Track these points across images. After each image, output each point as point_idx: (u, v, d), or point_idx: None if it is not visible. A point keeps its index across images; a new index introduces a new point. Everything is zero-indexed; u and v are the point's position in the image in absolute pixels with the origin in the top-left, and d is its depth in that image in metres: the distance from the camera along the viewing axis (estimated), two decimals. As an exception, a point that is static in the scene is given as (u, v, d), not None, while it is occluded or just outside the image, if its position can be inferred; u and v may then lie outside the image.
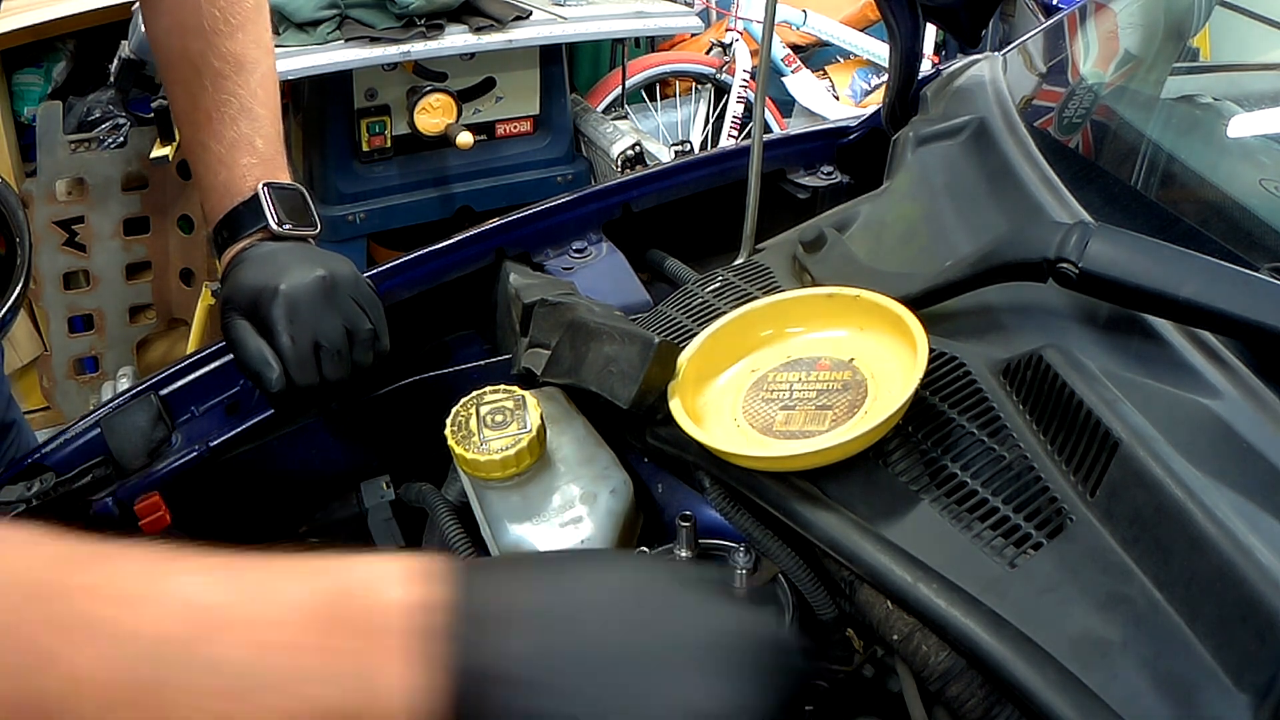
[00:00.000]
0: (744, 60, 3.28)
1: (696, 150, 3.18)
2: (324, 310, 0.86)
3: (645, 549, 0.73)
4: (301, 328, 0.84)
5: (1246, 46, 1.39)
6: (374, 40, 2.15)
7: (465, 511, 0.88)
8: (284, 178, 0.95)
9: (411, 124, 2.26)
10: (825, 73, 3.64)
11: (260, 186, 0.92)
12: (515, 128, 2.48)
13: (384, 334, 0.90)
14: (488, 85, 2.40)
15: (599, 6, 2.48)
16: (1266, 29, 1.29)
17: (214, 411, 0.96)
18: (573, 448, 0.84)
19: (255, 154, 0.94)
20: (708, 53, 3.39)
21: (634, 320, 0.91)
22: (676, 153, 2.73)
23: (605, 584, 0.48)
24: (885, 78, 3.01)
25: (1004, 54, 1.18)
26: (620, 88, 2.97)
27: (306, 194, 0.96)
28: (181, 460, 0.90)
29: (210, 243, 0.96)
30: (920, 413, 0.72)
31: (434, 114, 2.25)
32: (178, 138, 2.01)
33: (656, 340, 0.76)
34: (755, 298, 0.87)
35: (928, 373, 0.72)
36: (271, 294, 0.84)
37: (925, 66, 1.19)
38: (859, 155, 1.27)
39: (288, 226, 0.92)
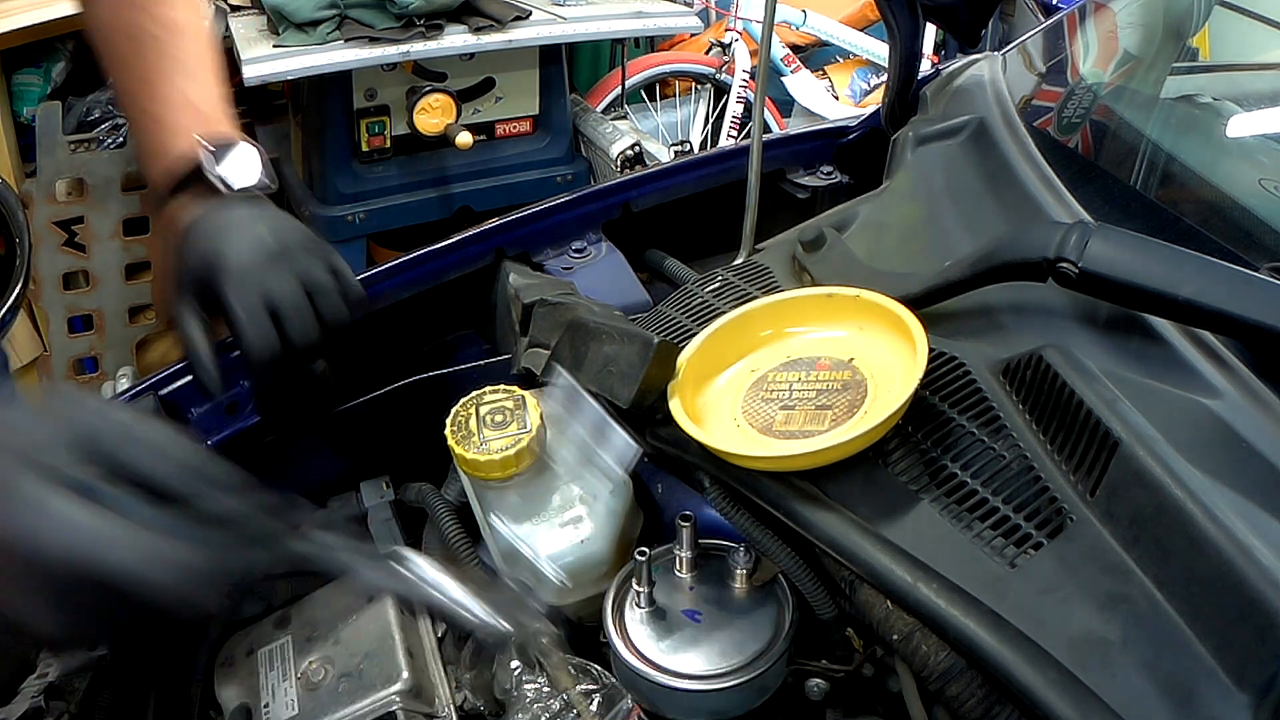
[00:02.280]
0: (743, 60, 3.28)
1: (696, 150, 3.18)
2: (270, 270, 0.80)
3: (645, 549, 0.73)
4: (248, 292, 0.79)
5: (1246, 46, 1.39)
6: (374, 40, 2.15)
7: (465, 511, 0.88)
8: (230, 136, 0.89)
9: (411, 124, 2.25)
10: (825, 73, 3.64)
11: (203, 146, 0.86)
12: (515, 128, 2.48)
13: (351, 283, 0.85)
14: (487, 85, 2.40)
15: (599, 6, 2.48)
16: (1266, 29, 1.29)
17: (214, 412, 0.96)
18: (573, 447, 0.84)
19: (195, 113, 0.89)
20: (707, 53, 3.39)
21: (634, 320, 0.91)
22: (676, 153, 2.74)
23: None
24: (885, 78, 3.01)
25: (1003, 54, 1.18)
26: (620, 88, 2.97)
27: (258, 148, 0.90)
28: (181, 460, 0.90)
29: (152, 209, 0.92)
30: (920, 413, 0.72)
31: (433, 114, 2.25)
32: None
33: (656, 340, 0.76)
34: (755, 298, 0.87)
35: (928, 372, 0.72)
36: (214, 266, 0.80)
37: (925, 66, 1.19)
38: (859, 155, 1.27)
39: (237, 184, 0.86)
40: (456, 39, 2.22)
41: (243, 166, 0.87)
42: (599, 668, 0.76)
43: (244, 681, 0.91)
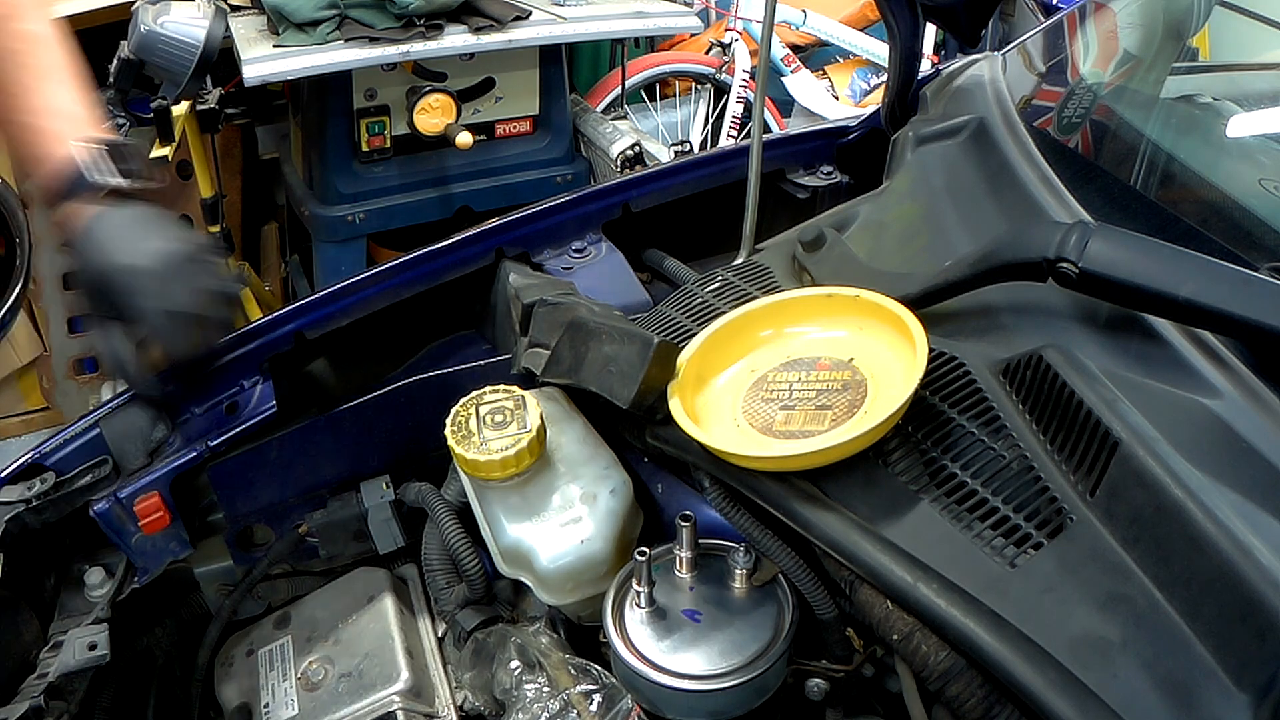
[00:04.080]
0: (743, 60, 3.28)
1: (696, 150, 3.17)
2: (172, 279, 0.85)
3: (645, 549, 0.73)
4: (157, 301, 0.84)
5: (1246, 46, 1.38)
6: (374, 40, 2.15)
7: (465, 511, 0.88)
8: (105, 138, 0.92)
9: (411, 124, 2.25)
10: (825, 73, 3.64)
11: (83, 145, 0.89)
12: (515, 128, 2.48)
13: (228, 284, 0.90)
14: (487, 85, 2.40)
15: (599, 6, 2.48)
16: (1266, 29, 1.29)
17: (213, 411, 0.96)
18: (573, 448, 0.84)
19: (67, 119, 0.92)
20: (707, 53, 3.39)
21: (634, 320, 0.91)
22: (676, 153, 2.73)
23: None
24: (885, 78, 3.01)
25: (1003, 54, 1.18)
26: (620, 88, 2.97)
27: (132, 144, 0.94)
28: (181, 460, 0.90)
29: (45, 211, 0.92)
30: (920, 413, 0.72)
31: (433, 114, 2.25)
32: (176, 138, 2.01)
33: (656, 340, 0.76)
34: (755, 298, 0.87)
35: (928, 373, 0.72)
36: (117, 273, 0.84)
37: (925, 66, 1.19)
38: (859, 155, 1.27)
39: (122, 181, 0.89)
40: (456, 39, 2.22)
41: (122, 166, 0.90)
42: (599, 668, 0.76)
43: (244, 681, 0.91)
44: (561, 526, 0.79)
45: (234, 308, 0.90)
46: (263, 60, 2.10)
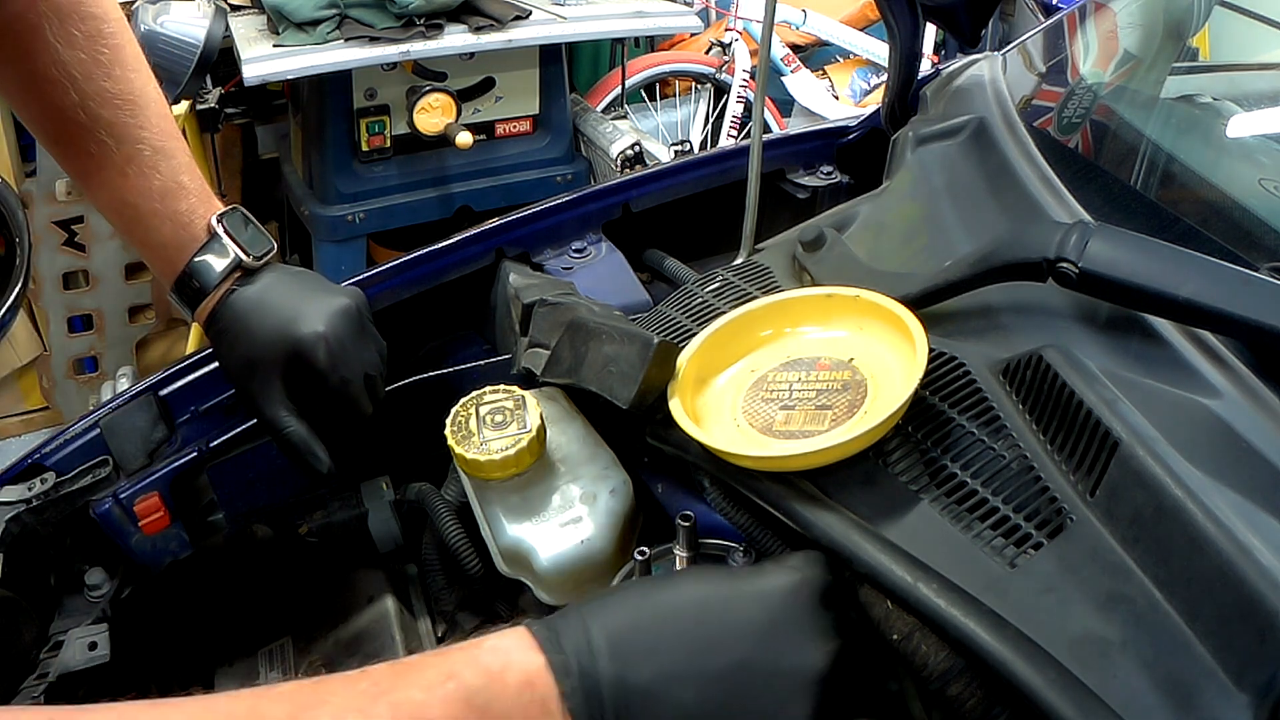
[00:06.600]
0: (743, 60, 3.28)
1: (696, 150, 3.18)
2: (363, 341, 0.85)
3: (645, 548, 0.73)
4: (350, 363, 0.83)
5: (1246, 46, 1.39)
6: (374, 40, 2.15)
7: (465, 511, 0.88)
8: (219, 206, 0.88)
9: (411, 124, 2.25)
10: (825, 72, 3.64)
11: (214, 224, 0.86)
12: (515, 127, 2.48)
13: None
14: (487, 85, 2.40)
15: (599, 6, 2.48)
16: (1266, 29, 1.29)
17: (214, 411, 0.96)
18: (573, 448, 0.84)
19: (189, 194, 0.86)
20: (707, 52, 3.39)
21: (634, 320, 0.91)
22: (676, 152, 2.73)
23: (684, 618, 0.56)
24: (885, 77, 3.01)
25: (1004, 54, 1.18)
26: (620, 87, 2.97)
27: (247, 212, 0.90)
28: (181, 460, 0.90)
29: (174, 299, 0.89)
30: (920, 413, 0.72)
31: (433, 114, 2.25)
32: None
33: (656, 340, 0.76)
34: (755, 298, 0.87)
35: (928, 373, 0.72)
36: (311, 340, 0.82)
37: (925, 66, 1.19)
38: (859, 155, 1.27)
39: (257, 256, 0.87)
40: (456, 39, 2.22)
41: (253, 235, 0.88)
42: (599, 668, 0.76)
43: (244, 681, 0.91)
44: (561, 526, 0.79)
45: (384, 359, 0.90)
46: (263, 60, 2.10)
